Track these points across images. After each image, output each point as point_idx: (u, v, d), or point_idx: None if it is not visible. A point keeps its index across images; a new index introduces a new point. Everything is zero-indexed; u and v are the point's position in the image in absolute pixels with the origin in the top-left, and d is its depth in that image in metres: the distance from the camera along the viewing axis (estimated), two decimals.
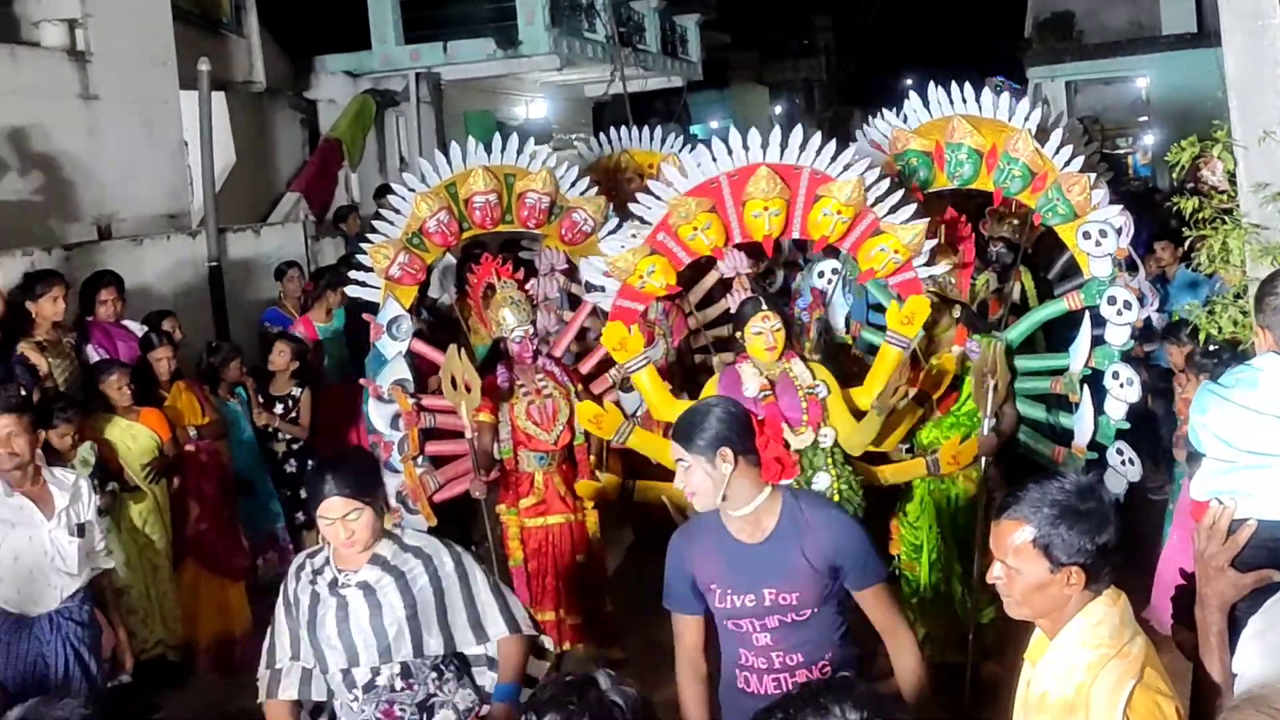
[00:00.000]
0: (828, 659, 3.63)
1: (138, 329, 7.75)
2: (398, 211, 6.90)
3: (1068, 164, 6.23)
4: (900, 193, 5.99)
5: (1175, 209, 6.04)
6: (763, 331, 5.50)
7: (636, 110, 16.66)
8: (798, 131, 5.98)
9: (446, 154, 7.05)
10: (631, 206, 6.27)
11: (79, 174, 9.99)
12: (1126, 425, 6.19)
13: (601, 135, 9.22)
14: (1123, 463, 6.17)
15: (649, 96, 23.20)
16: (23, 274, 7.67)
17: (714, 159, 5.93)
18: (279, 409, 7.99)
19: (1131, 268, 8.07)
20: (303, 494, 7.82)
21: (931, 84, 6.80)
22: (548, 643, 4.28)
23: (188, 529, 7.18)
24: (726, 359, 6.54)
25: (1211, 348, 5.72)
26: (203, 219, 10.42)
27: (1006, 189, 6.43)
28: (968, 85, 6.65)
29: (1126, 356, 6.23)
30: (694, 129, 26.23)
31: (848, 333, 6.95)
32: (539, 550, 6.44)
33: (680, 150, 8.30)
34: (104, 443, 6.66)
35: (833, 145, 5.91)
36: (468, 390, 6.11)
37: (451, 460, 6.67)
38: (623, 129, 9.21)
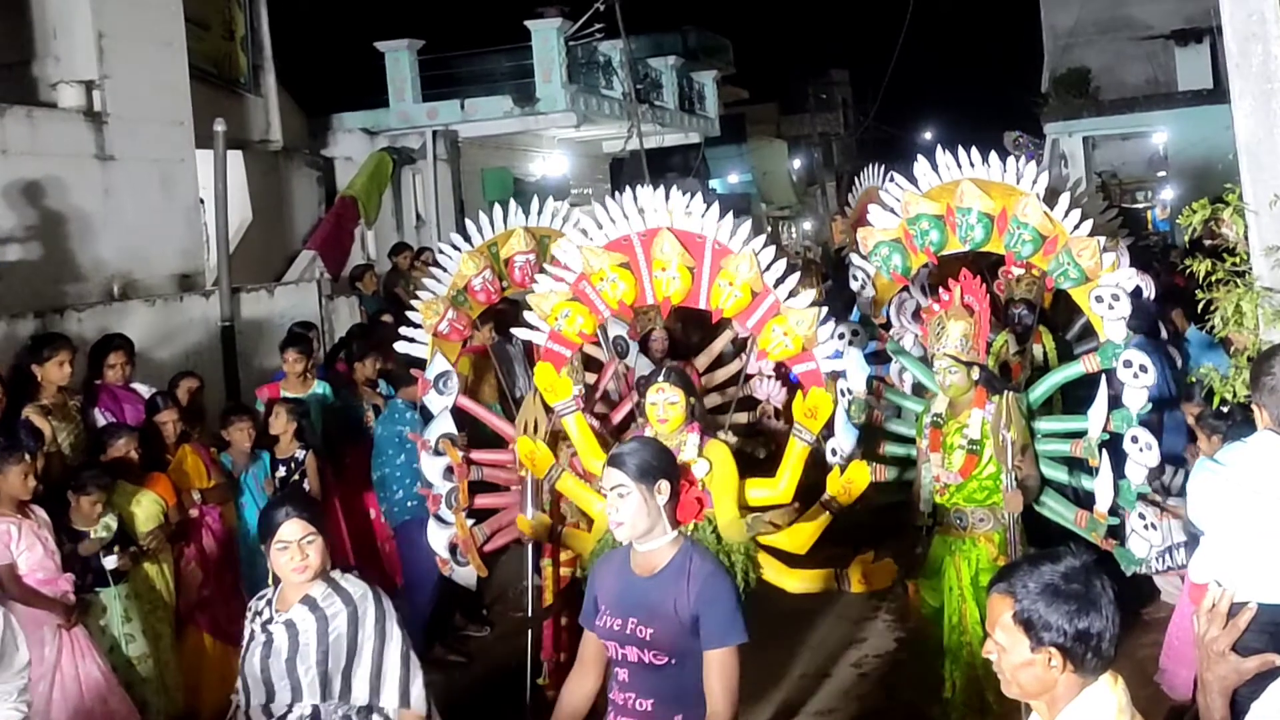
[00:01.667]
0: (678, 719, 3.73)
1: (146, 391, 7.74)
2: (444, 269, 7.21)
3: (1077, 227, 6.17)
4: (797, 275, 5.96)
5: (1188, 270, 5.98)
6: (656, 403, 5.54)
7: (654, 165, 16.77)
8: (698, 199, 5.98)
9: (463, 212, 7.22)
10: (553, 251, 6.44)
11: (93, 234, 10.03)
12: (1147, 489, 6.09)
13: (618, 193, 9.21)
14: (1145, 527, 6.06)
15: (667, 152, 23.31)
16: (29, 336, 7.67)
17: (625, 216, 5.98)
18: (281, 472, 7.94)
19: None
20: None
21: (939, 147, 6.76)
22: None
23: (191, 594, 7.11)
24: (721, 421, 6.55)
25: (1224, 409, 5.65)
26: (216, 279, 10.43)
27: (1018, 253, 6.39)
28: (974, 150, 6.60)
29: (1144, 420, 6.13)
30: (713, 183, 26.33)
31: (870, 393, 6.86)
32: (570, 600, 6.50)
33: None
34: (117, 507, 6.63)
35: (730, 218, 5.89)
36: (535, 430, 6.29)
37: (496, 512, 6.88)
38: (639, 186, 9.19)
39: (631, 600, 3.77)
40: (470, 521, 6.76)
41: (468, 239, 7.28)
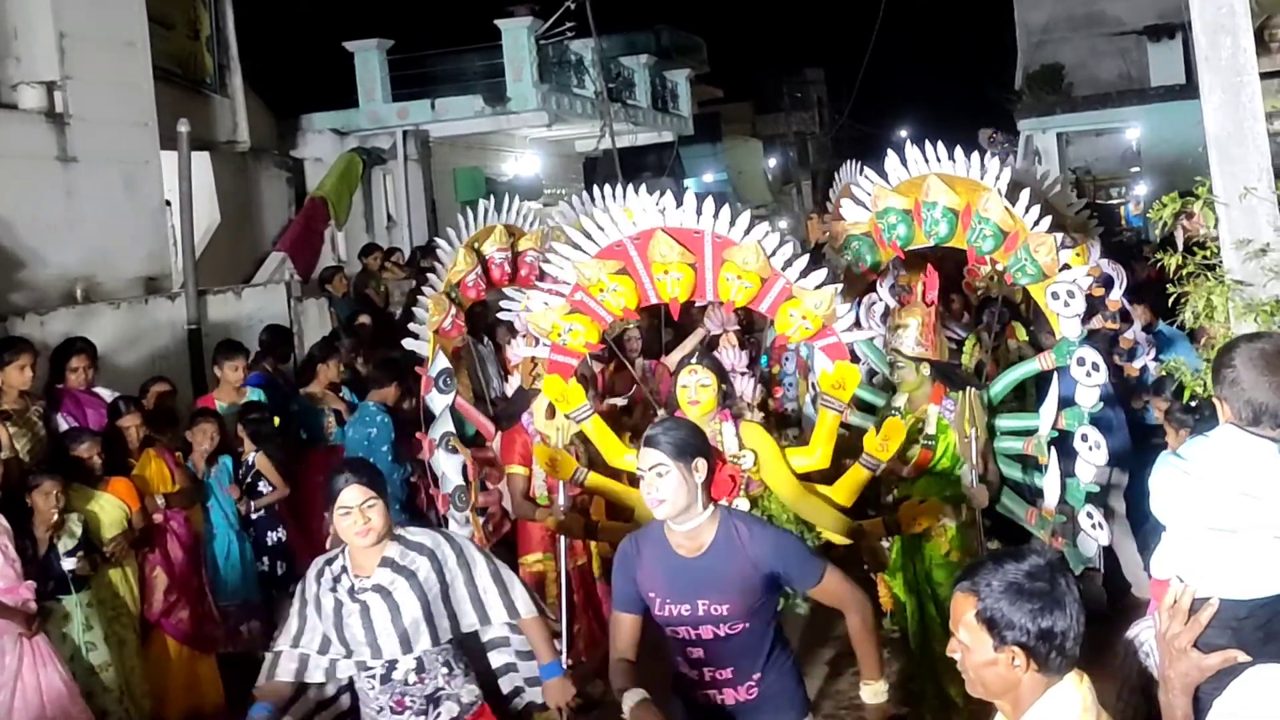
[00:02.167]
0: (755, 679, 3.91)
1: (108, 396, 7.62)
2: (441, 264, 7.30)
3: (1037, 223, 6.14)
4: (806, 257, 5.89)
5: (1159, 264, 5.95)
6: (688, 385, 5.55)
7: (628, 165, 16.70)
8: (689, 196, 5.94)
9: (434, 212, 7.21)
10: (544, 266, 6.34)
11: (55, 237, 9.91)
12: (1095, 488, 6.09)
13: (592, 191, 9.13)
14: (1093, 526, 6.06)
15: (641, 151, 23.26)
16: None
17: (614, 222, 5.88)
18: (238, 474, 7.85)
19: (1125, 319, 8.04)
20: (261, 567, 7.82)
21: (909, 143, 6.71)
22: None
23: (156, 601, 7.00)
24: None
25: (1193, 403, 5.62)
26: (183, 281, 10.32)
27: (979, 248, 6.35)
28: (941, 145, 6.56)
29: (1095, 419, 6.11)
30: (687, 182, 26.30)
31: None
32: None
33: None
34: (80, 511, 6.55)
35: (727, 210, 5.84)
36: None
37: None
38: (613, 185, 9.12)
39: (692, 582, 3.84)
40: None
41: (438, 238, 7.35)
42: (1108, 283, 7.91)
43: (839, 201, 8.42)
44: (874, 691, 3.96)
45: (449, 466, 6.77)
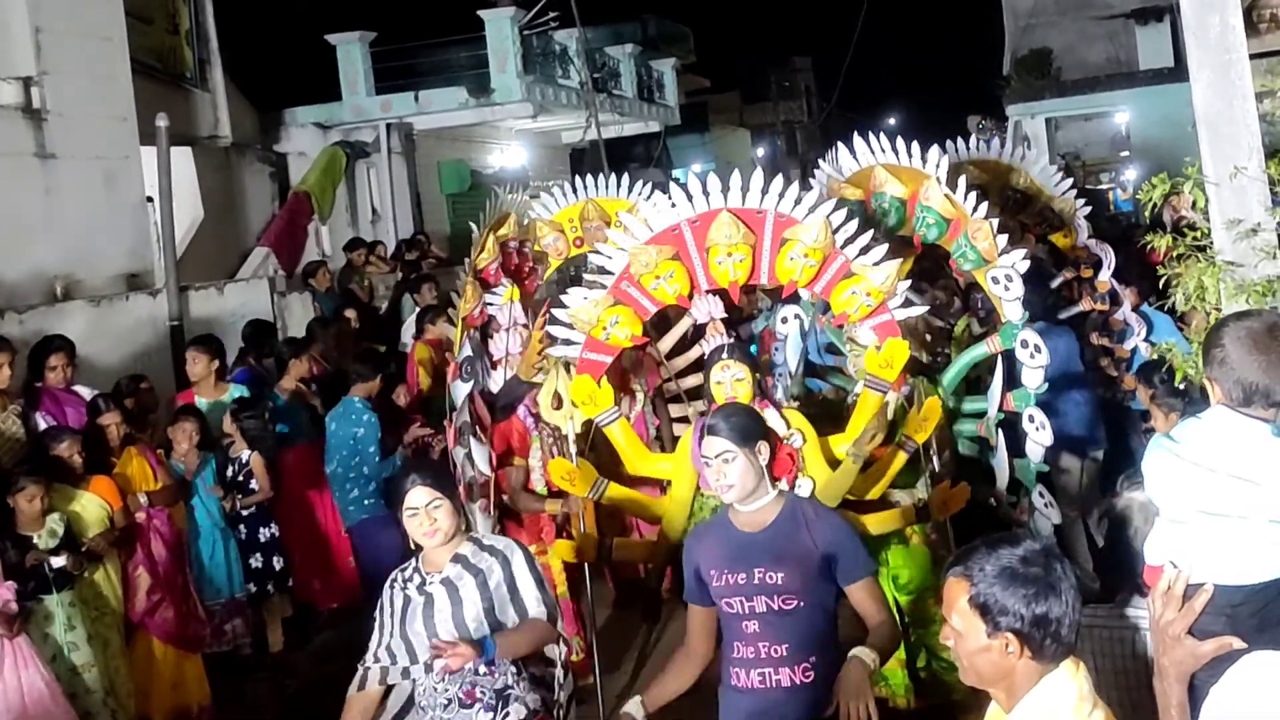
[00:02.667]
0: (812, 661, 3.92)
1: (88, 394, 7.54)
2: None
3: (975, 209, 6.11)
4: (869, 233, 5.80)
5: (1149, 246, 5.91)
6: (723, 381, 5.39)
7: (615, 155, 16.61)
8: (758, 174, 5.78)
9: (419, 205, 7.06)
10: (591, 257, 6.22)
11: (34, 234, 9.82)
12: (1045, 468, 6.18)
13: (576, 181, 9.05)
14: (1044, 505, 6.16)
15: (628, 141, 23.17)
16: None
17: (673, 204, 5.74)
18: (229, 471, 7.78)
19: (1114, 300, 8.01)
20: (253, 564, 7.75)
21: (900, 134, 6.69)
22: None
23: (140, 600, 6.92)
24: (699, 407, 6.40)
25: (1181, 386, 5.57)
26: (165, 278, 10.23)
27: (924, 237, 6.38)
28: (879, 134, 6.55)
29: (1041, 399, 6.14)
30: (675, 173, 26.21)
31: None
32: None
33: (650, 196, 8.14)
34: (62, 510, 6.48)
35: (795, 188, 5.72)
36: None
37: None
38: (599, 176, 9.04)
39: (752, 553, 3.97)
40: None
41: (423, 232, 7.22)
42: (1097, 264, 7.89)
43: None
44: (865, 653, 3.85)
45: (479, 456, 6.68)
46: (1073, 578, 2.52)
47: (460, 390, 6.67)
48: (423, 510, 4.16)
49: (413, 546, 4.35)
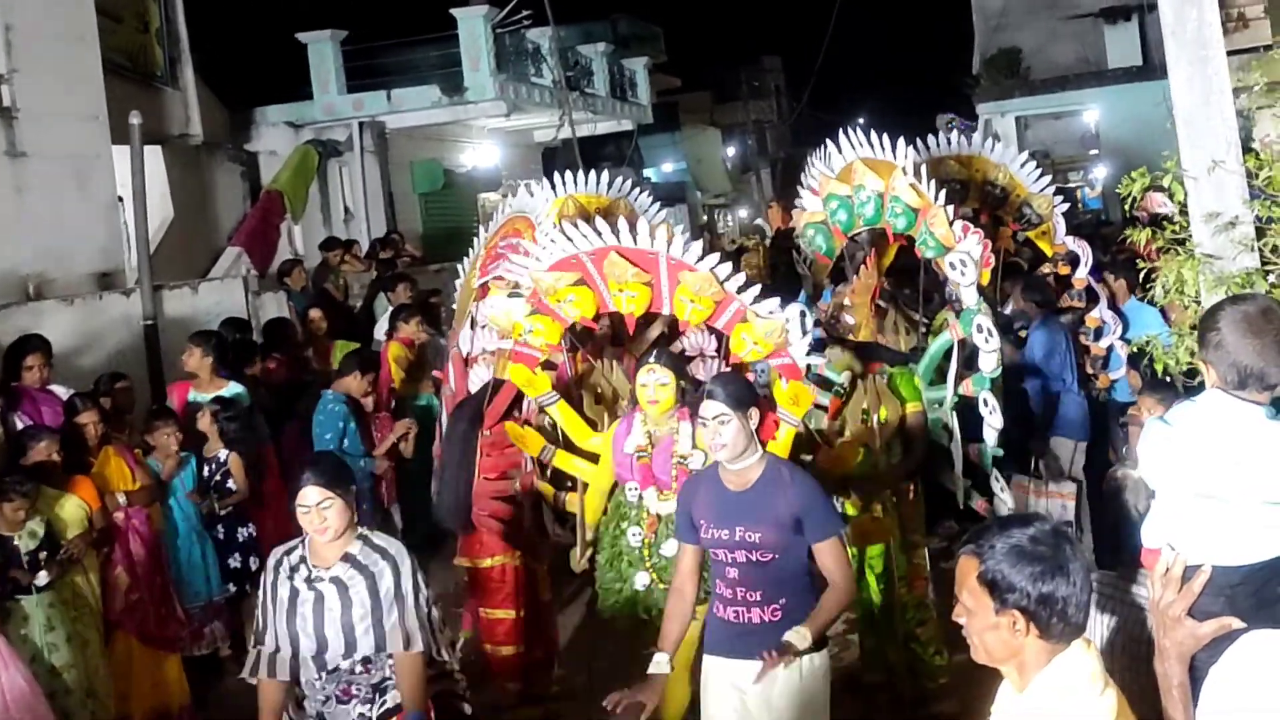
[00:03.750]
0: (781, 603, 4.41)
1: (64, 393, 7.47)
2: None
3: (936, 198, 6.20)
4: (758, 288, 5.81)
5: (1126, 240, 5.96)
6: (647, 384, 5.53)
7: (587, 154, 16.54)
8: (643, 223, 6.01)
9: (392, 204, 7.06)
10: (502, 269, 6.33)
11: (5, 234, 9.74)
12: (1000, 452, 6.30)
13: (547, 180, 9.01)
14: (1000, 490, 6.28)
15: (599, 141, 23.13)
16: None
17: (570, 238, 5.84)
18: (205, 471, 7.72)
19: (1092, 298, 8.08)
20: (231, 564, 7.71)
21: (871, 131, 6.72)
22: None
23: (119, 600, 6.86)
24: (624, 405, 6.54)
25: (1167, 379, 5.63)
26: (138, 277, 10.15)
27: (895, 227, 6.45)
28: (858, 129, 6.62)
29: (994, 384, 6.25)
30: (647, 172, 26.22)
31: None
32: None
33: (629, 194, 8.15)
34: (42, 512, 6.41)
35: (680, 237, 5.80)
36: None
37: None
38: (572, 174, 9.01)
39: (735, 511, 4.44)
40: None
41: (396, 230, 7.22)
42: (1074, 261, 7.95)
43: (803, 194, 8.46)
44: (801, 636, 4.28)
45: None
46: (1083, 559, 2.54)
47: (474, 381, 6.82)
48: (314, 509, 4.27)
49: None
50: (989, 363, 6.06)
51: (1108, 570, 3.47)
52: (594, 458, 5.94)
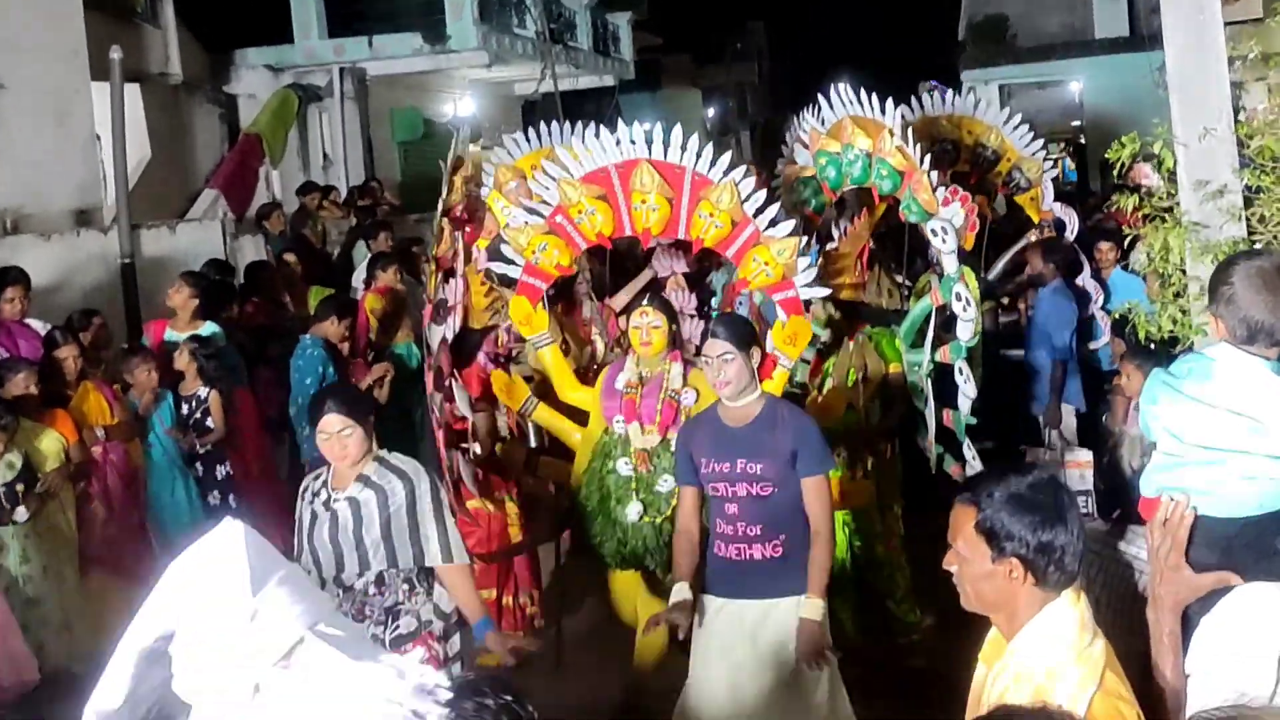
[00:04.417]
0: (781, 539, 4.52)
1: (41, 328, 7.41)
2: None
3: (921, 162, 6.19)
4: (777, 206, 5.92)
5: (1113, 207, 5.97)
6: (640, 326, 5.66)
7: (567, 110, 16.42)
8: (678, 131, 5.93)
9: (371, 152, 6.98)
10: (530, 184, 6.32)
11: None
12: (973, 420, 6.33)
13: (530, 131, 8.95)
14: (972, 458, 6.30)
15: (579, 96, 22.96)
16: None
17: (604, 149, 5.91)
18: (183, 410, 7.67)
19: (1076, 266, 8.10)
20: (211, 501, 7.69)
21: (862, 90, 6.70)
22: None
23: (95, 534, 6.85)
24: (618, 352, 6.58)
25: (1151, 346, 5.66)
26: (116, 215, 10.05)
27: (880, 189, 6.45)
28: (847, 86, 6.58)
29: (971, 352, 6.30)
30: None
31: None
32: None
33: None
34: (20, 445, 6.39)
35: (710, 149, 5.87)
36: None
37: None
38: (558, 125, 8.96)
39: (735, 445, 4.55)
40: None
41: (375, 178, 7.14)
42: (1060, 227, 7.96)
43: (792, 149, 8.44)
44: (814, 607, 4.43)
45: (462, 400, 6.66)
46: (1078, 508, 2.56)
47: (435, 334, 6.68)
48: (335, 436, 4.41)
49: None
50: (966, 331, 6.08)
51: (1097, 526, 3.50)
52: (575, 413, 5.98)
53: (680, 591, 4.56)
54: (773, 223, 5.81)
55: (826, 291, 6.18)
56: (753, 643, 4.53)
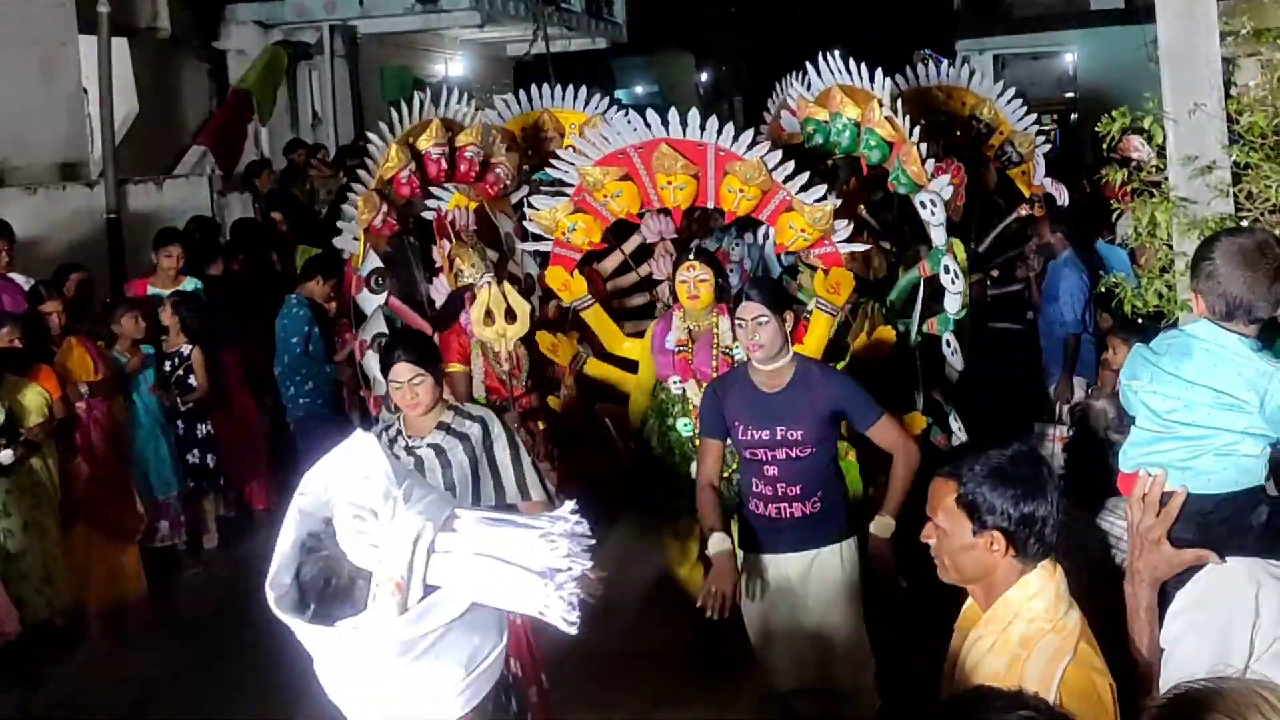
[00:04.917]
0: (819, 495, 4.63)
1: (24, 282, 7.38)
2: (374, 161, 7.05)
3: (910, 134, 6.19)
4: (806, 174, 6.01)
5: (1103, 180, 5.96)
6: (686, 280, 5.73)
7: (559, 71, 16.29)
8: (694, 113, 6.04)
9: (360, 111, 7.00)
10: (549, 170, 6.53)
11: None
12: (961, 317, 6.38)
13: (522, 93, 8.90)
14: (958, 430, 6.45)
15: (571, 59, 22.78)
16: None
17: (619, 133, 6.06)
18: (167, 367, 7.66)
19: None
20: (190, 459, 7.70)
21: (851, 60, 6.69)
22: None
23: (78, 490, 6.85)
24: (666, 301, 6.71)
25: (1137, 320, 5.66)
26: (102, 170, 9.98)
27: (869, 159, 6.46)
28: (836, 55, 6.58)
29: (959, 324, 6.37)
30: (618, 94, 25.91)
31: None
32: None
33: (605, 112, 8.08)
34: (3, 399, 6.36)
35: (730, 127, 5.99)
36: (512, 320, 6.18)
37: None
38: (546, 88, 8.90)
39: (773, 412, 4.60)
40: None
41: (365, 139, 7.17)
42: (1051, 200, 7.95)
43: (776, 114, 8.42)
44: (883, 525, 4.59)
45: (373, 367, 6.66)
46: (1056, 481, 2.59)
47: (369, 302, 6.71)
48: (406, 384, 4.48)
49: (392, 409, 4.76)
50: (954, 303, 6.11)
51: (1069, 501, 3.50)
52: (627, 364, 6.19)
53: (721, 542, 4.59)
54: (803, 188, 5.92)
55: (865, 247, 6.29)
56: (800, 591, 4.64)
